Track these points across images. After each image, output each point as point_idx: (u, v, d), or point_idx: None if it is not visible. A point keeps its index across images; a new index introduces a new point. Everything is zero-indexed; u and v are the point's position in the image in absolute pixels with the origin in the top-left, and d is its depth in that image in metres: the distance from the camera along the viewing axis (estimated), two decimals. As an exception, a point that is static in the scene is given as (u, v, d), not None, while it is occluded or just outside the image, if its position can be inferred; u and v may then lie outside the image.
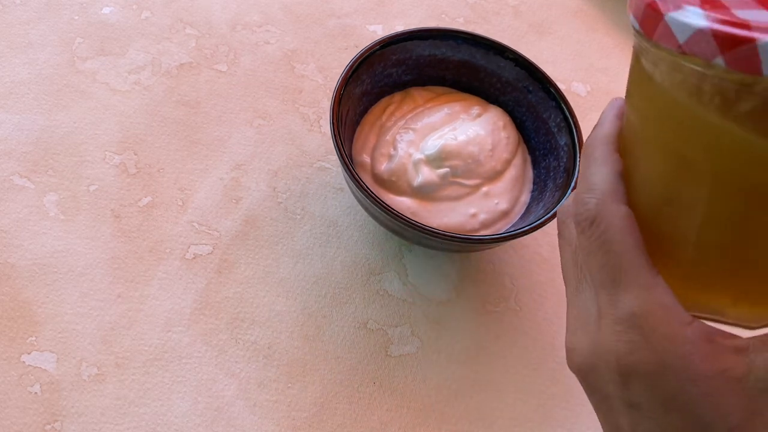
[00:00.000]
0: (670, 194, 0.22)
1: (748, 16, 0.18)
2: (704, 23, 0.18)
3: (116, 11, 0.48)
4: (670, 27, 0.19)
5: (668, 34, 0.19)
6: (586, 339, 0.24)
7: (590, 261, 0.24)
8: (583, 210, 0.24)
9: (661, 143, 0.22)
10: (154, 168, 0.42)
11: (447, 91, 0.43)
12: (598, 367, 0.24)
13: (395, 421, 0.36)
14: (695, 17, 0.19)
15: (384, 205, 0.34)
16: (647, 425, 0.23)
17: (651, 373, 0.22)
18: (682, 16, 0.19)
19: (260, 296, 0.38)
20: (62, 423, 0.33)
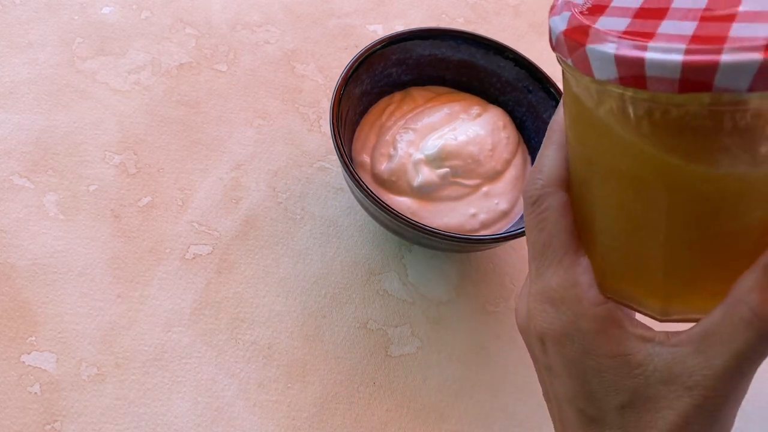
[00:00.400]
0: (586, 191, 0.24)
1: (603, 23, 0.19)
2: (562, 26, 0.20)
3: (116, 11, 0.48)
4: (551, 32, 0.21)
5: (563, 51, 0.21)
6: (523, 303, 0.27)
7: (528, 235, 0.26)
8: (531, 189, 0.26)
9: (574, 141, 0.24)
10: (153, 168, 0.42)
11: (447, 91, 0.43)
12: (527, 331, 0.26)
13: (395, 421, 0.36)
14: (562, 24, 0.20)
15: (384, 205, 0.34)
16: (558, 387, 0.25)
17: (558, 342, 0.24)
18: (557, 22, 0.21)
19: (260, 296, 0.38)
20: (62, 423, 0.33)
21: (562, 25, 0.20)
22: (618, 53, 0.18)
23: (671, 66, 0.17)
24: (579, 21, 0.20)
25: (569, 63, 0.20)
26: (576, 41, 0.19)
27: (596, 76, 0.19)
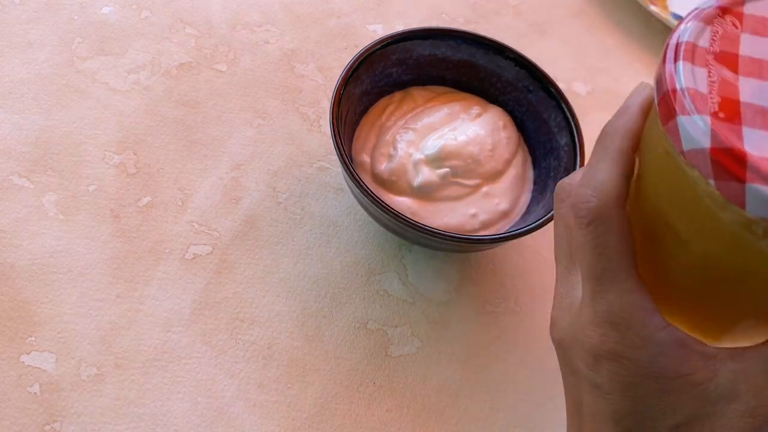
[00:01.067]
0: (657, 234, 0.24)
1: (752, 143, 0.19)
2: (706, 143, 0.19)
3: (116, 11, 0.47)
4: (678, 129, 0.20)
5: (675, 132, 0.20)
6: (568, 318, 0.26)
7: (582, 256, 0.25)
8: (585, 207, 0.25)
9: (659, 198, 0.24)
10: (153, 168, 0.42)
11: (447, 91, 0.43)
12: (573, 346, 0.26)
13: (395, 421, 0.36)
14: (701, 132, 0.19)
15: (384, 205, 0.34)
16: (603, 406, 0.25)
17: (617, 362, 0.24)
18: (690, 124, 0.20)
19: (260, 296, 0.38)
20: (61, 423, 0.33)
21: (704, 139, 0.19)
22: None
23: None
24: (726, 139, 0.19)
25: (711, 184, 0.19)
26: (730, 172, 0.19)
27: (749, 211, 0.19)
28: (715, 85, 0.21)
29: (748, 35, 0.22)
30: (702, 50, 0.21)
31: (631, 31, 0.56)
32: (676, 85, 0.20)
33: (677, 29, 0.22)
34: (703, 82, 0.20)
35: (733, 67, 0.21)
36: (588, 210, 0.24)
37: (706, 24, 0.22)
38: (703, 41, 0.21)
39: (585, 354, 0.25)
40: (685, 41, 0.21)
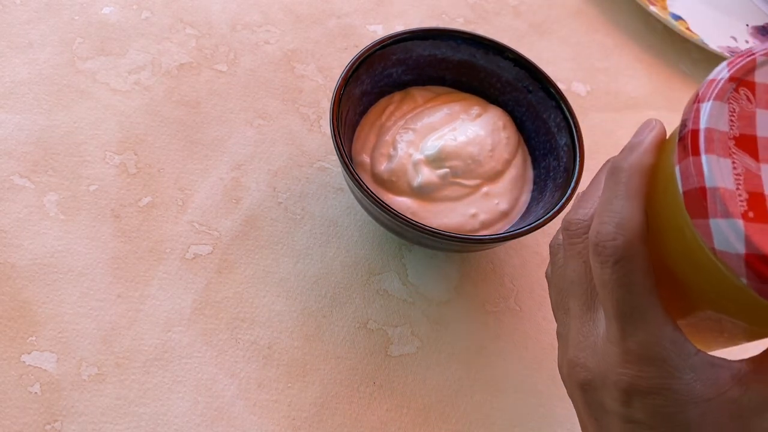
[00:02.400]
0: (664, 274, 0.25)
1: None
2: (740, 248, 0.20)
3: (116, 11, 0.48)
4: (711, 229, 0.21)
5: (707, 232, 0.21)
6: (594, 359, 0.26)
7: (607, 294, 0.25)
8: (610, 245, 0.25)
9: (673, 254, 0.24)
10: (154, 168, 0.42)
11: (447, 91, 0.43)
12: (602, 387, 0.26)
13: (395, 421, 0.36)
14: (735, 235, 0.20)
15: (384, 205, 0.34)
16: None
17: (656, 397, 0.24)
18: (724, 228, 0.20)
19: (260, 296, 0.38)
20: (62, 423, 0.33)
21: (739, 245, 0.20)
22: None
23: None
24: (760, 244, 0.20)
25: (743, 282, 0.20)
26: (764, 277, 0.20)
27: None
28: (741, 178, 0.21)
29: (763, 111, 0.22)
30: (723, 136, 0.22)
31: (630, 31, 0.56)
32: (705, 183, 0.21)
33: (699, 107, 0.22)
34: (729, 177, 0.21)
35: (753, 153, 0.22)
36: (614, 248, 0.25)
37: (723, 101, 0.22)
38: (723, 124, 0.22)
39: (619, 393, 0.25)
40: (705, 128, 0.22)
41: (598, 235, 0.25)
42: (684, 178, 0.22)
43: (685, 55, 0.56)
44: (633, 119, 0.51)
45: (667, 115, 0.52)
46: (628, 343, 0.25)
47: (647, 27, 0.57)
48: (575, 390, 0.28)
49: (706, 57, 0.56)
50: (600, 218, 0.26)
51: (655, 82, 0.54)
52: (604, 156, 0.48)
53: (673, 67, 0.55)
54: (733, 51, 0.54)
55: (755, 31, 0.57)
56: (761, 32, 0.57)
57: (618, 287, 0.25)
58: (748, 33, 0.57)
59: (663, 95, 0.53)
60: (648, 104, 0.52)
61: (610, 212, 0.25)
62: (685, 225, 0.22)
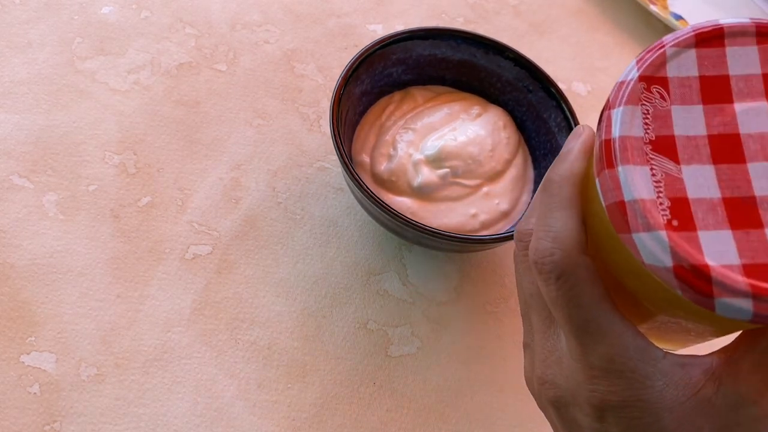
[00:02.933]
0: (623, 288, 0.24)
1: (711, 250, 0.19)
2: (668, 261, 0.19)
3: (115, 11, 0.47)
4: (636, 243, 0.20)
5: (633, 247, 0.20)
6: (562, 376, 0.25)
7: (558, 311, 0.24)
8: (548, 261, 0.24)
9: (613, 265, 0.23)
10: (153, 168, 0.41)
11: (447, 90, 0.43)
12: (574, 404, 0.25)
13: (395, 421, 0.36)
14: (660, 247, 0.19)
15: (384, 205, 0.34)
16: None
17: (630, 410, 0.23)
18: (648, 242, 0.20)
19: (260, 296, 0.38)
20: (61, 423, 0.33)
21: (665, 258, 0.19)
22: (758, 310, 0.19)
23: None
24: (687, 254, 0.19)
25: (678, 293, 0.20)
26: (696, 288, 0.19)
27: (718, 312, 0.20)
28: (661, 185, 0.20)
29: (678, 107, 0.21)
30: (638, 142, 0.21)
31: (631, 31, 0.56)
32: (623, 197, 0.20)
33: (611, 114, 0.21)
34: (649, 185, 0.20)
35: (673, 155, 0.20)
36: (553, 263, 0.23)
37: (635, 105, 0.21)
38: (637, 129, 0.21)
39: (591, 409, 0.24)
40: (618, 136, 0.21)
41: (536, 253, 0.24)
42: (604, 192, 0.21)
43: (686, 55, 0.56)
44: (633, 119, 0.51)
45: (667, 115, 0.52)
46: (590, 358, 0.24)
47: (648, 26, 0.57)
48: (548, 407, 0.26)
49: (707, 56, 0.56)
50: (536, 234, 0.25)
51: (655, 82, 0.54)
52: (605, 156, 0.48)
53: (673, 67, 0.55)
54: (734, 50, 0.54)
55: (756, 30, 0.57)
56: (762, 32, 0.57)
57: (567, 303, 0.24)
58: (748, 32, 0.57)
59: (663, 95, 0.53)
60: (648, 104, 0.52)
61: (545, 227, 0.24)
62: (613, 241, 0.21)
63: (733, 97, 0.21)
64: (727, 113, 0.21)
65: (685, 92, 0.21)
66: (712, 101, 0.21)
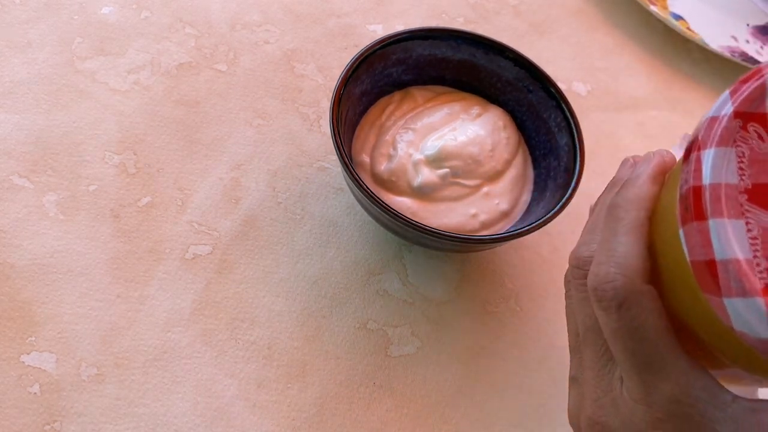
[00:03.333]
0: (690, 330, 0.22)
1: None
2: (764, 332, 0.17)
3: (115, 11, 0.47)
4: (726, 308, 0.17)
5: (723, 311, 0.18)
6: (618, 419, 0.23)
7: (618, 345, 0.23)
8: (610, 288, 0.22)
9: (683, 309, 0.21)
10: (153, 168, 0.42)
11: (447, 90, 0.43)
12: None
13: (395, 421, 0.36)
14: (756, 317, 0.17)
15: (384, 205, 0.34)
16: None
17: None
18: (742, 309, 0.17)
19: (260, 296, 0.38)
20: (61, 423, 0.33)
21: (762, 328, 0.17)
22: None
23: None
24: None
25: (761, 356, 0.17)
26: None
27: None
28: (758, 242, 0.17)
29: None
30: (732, 190, 0.18)
31: (631, 31, 0.56)
32: (714, 255, 0.17)
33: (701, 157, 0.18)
34: (744, 243, 0.17)
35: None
36: (615, 290, 0.22)
37: (728, 146, 0.18)
38: (731, 175, 0.18)
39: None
40: (710, 183, 0.18)
41: (596, 278, 0.23)
42: (690, 247, 0.18)
43: (686, 55, 0.56)
44: (633, 119, 0.51)
45: (667, 115, 0.52)
46: (654, 398, 0.22)
47: (647, 27, 0.57)
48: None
49: (707, 57, 0.56)
50: (597, 259, 0.23)
51: (655, 82, 0.54)
52: (605, 156, 0.48)
53: (673, 67, 0.55)
54: (734, 51, 0.54)
55: (756, 31, 0.57)
56: (762, 32, 0.57)
57: (629, 335, 0.22)
58: (748, 33, 0.57)
59: (663, 95, 0.53)
60: (648, 104, 0.52)
61: (607, 251, 0.23)
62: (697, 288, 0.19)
63: None
64: None
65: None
66: None
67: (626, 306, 0.22)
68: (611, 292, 0.22)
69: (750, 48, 0.55)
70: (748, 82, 0.18)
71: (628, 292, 0.22)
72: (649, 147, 0.49)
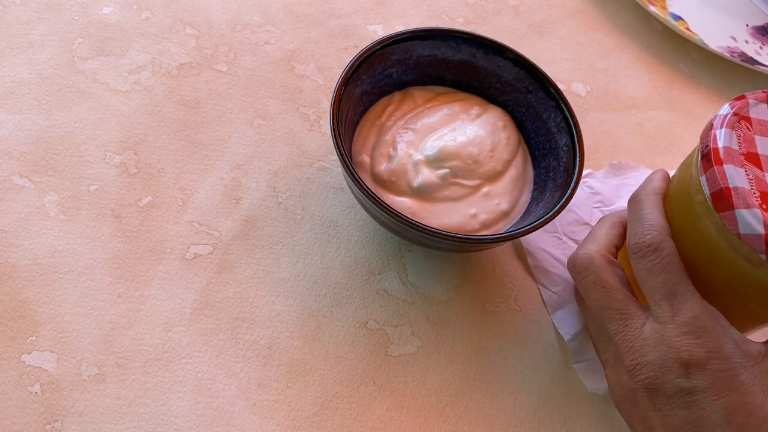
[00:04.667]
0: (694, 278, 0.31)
1: None
2: (761, 230, 0.27)
3: (116, 11, 0.48)
4: (736, 218, 0.28)
5: (733, 221, 0.28)
6: (649, 347, 0.30)
7: (652, 279, 0.31)
8: (645, 240, 0.31)
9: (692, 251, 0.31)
10: (154, 168, 0.42)
11: (447, 91, 0.43)
12: (665, 373, 0.30)
13: (395, 421, 0.36)
14: (756, 220, 0.27)
15: (384, 205, 0.34)
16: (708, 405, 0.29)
17: (714, 362, 0.29)
18: (747, 216, 0.27)
19: (260, 296, 0.38)
20: (62, 423, 0.33)
21: (759, 227, 0.27)
22: None
23: None
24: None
25: (762, 258, 0.28)
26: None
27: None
28: (753, 182, 0.28)
29: (758, 136, 0.30)
30: (736, 152, 0.29)
31: (630, 31, 0.56)
32: (729, 184, 0.28)
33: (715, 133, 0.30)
34: (745, 180, 0.28)
35: (758, 165, 0.29)
36: (650, 240, 0.31)
37: (731, 129, 0.30)
38: (734, 144, 0.29)
39: (680, 368, 0.29)
40: (723, 146, 0.29)
41: (635, 237, 0.32)
42: (710, 183, 0.29)
43: (685, 55, 0.56)
44: (633, 119, 0.51)
45: (666, 115, 0.52)
46: (679, 317, 0.29)
47: (647, 27, 0.57)
48: (641, 395, 0.31)
49: (706, 57, 0.56)
50: (631, 230, 0.32)
51: (655, 82, 0.54)
52: (604, 156, 0.48)
53: (673, 67, 0.55)
54: (733, 51, 0.54)
55: (755, 31, 0.57)
56: (761, 32, 0.57)
57: (662, 270, 0.30)
58: (748, 33, 0.57)
59: (663, 95, 0.53)
60: (648, 104, 0.52)
61: (639, 221, 0.32)
62: (709, 224, 0.29)
63: None
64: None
65: (763, 128, 0.31)
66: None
67: (658, 249, 0.31)
68: (648, 241, 0.31)
69: (749, 48, 0.55)
70: (738, 100, 0.31)
71: (658, 240, 0.31)
72: (648, 147, 0.49)
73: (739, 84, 0.55)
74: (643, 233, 0.31)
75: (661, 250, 0.30)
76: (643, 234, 0.31)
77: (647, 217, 0.32)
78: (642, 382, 0.30)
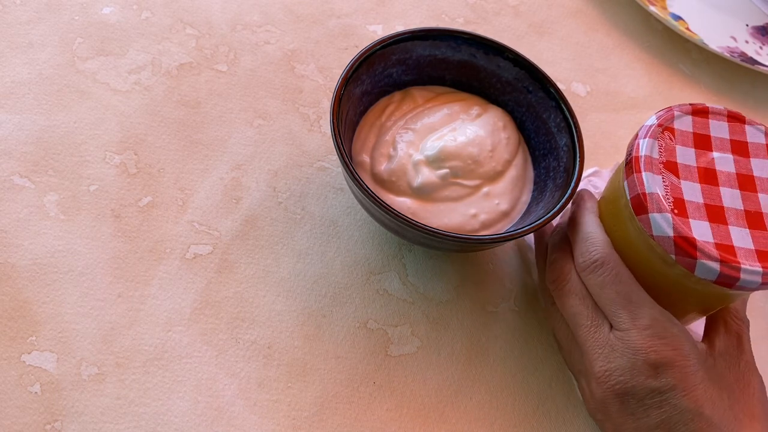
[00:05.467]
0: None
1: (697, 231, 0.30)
2: (670, 233, 0.30)
3: (116, 11, 0.48)
4: (650, 221, 0.31)
5: (647, 223, 0.31)
6: (616, 354, 0.32)
7: (605, 292, 0.32)
8: (592, 256, 0.33)
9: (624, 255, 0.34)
10: (154, 168, 0.42)
11: (447, 91, 0.43)
12: (634, 377, 0.31)
13: (395, 421, 0.36)
14: (666, 224, 0.30)
15: (384, 205, 0.34)
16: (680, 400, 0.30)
17: (679, 359, 0.30)
18: (659, 220, 0.30)
19: (260, 296, 0.38)
20: (62, 423, 0.33)
21: (668, 229, 0.30)
22: (722, 271, 0.29)
23: (754, 284, 0.30)
24: (682, 230, 0.30)
25: (672, 258, 0.30)
26: (686, 251, 0.30)
27: (697, 274, 0.30)
28: (668, 188, 0.31)
29: (680, 146, 0.33)
30: (656, 161, 0.32)
31: (630, 31, 0.56)
32: (645, 190, 0.31)
33: (638, 142, 0.33)
34: (661, 187, 0.31)
35: (675, 173, 0.32)
36: (597, 257, 0.33)
37: (654, 139, 0.33)
38: (655, 153, 0.32)
39: (649, 369, 0.30)
40: (644, 155, 0.32)
41: (581, 256, 0.34)
42: (630, 188, 0.32)
43: (685, 55, 0.56)
44: (633, 119, 0.51)
45: (666, 115, 0.52)
46: (639, 322, 0.31)
47: (647, 27, 0.57)
48: (613, 402, 0.32)
49: (706, 57, 0.56)
50: (578, 250, 0.34)
51: (655, 82, 0.54)
52: (604, 156, 0.48)
53: (673, 67, 0.55)
54: (733, 51, 0.54)
55: (755, 31, 0.57)
56: (761, 32, 0.57)
57: (613, 281, 0.32)
58: (747, 33, 0.57)
59: (663, 95, 0.53)
60: (647, 104, 0.52)
61: (583, 241, 0.34)
62: (632, 226, 0.32)
63: (712, 148, 0.33)
64: (708, 156, 0.33)
65: (685, 139, 0.33)
66: (700, 147, 0.33)
67: (605, 264, 0.33)
68: (594, 258, 0.33)
69: (749, 48, 0.55)
70: (665, 111, 0.34)
71: (603, 254, 0.33)
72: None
73: (739, 84, 0.55)
74: (588, 251, 0.33)
75: (608, 264, 0.32)
76: (589, 252, 0.33)
77: (590, 235, 0.34)
78: (613, 388, 0.32)
